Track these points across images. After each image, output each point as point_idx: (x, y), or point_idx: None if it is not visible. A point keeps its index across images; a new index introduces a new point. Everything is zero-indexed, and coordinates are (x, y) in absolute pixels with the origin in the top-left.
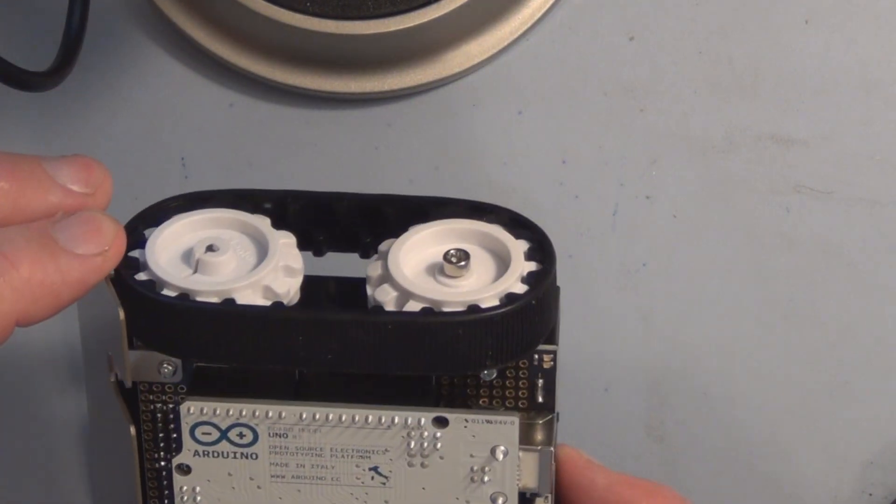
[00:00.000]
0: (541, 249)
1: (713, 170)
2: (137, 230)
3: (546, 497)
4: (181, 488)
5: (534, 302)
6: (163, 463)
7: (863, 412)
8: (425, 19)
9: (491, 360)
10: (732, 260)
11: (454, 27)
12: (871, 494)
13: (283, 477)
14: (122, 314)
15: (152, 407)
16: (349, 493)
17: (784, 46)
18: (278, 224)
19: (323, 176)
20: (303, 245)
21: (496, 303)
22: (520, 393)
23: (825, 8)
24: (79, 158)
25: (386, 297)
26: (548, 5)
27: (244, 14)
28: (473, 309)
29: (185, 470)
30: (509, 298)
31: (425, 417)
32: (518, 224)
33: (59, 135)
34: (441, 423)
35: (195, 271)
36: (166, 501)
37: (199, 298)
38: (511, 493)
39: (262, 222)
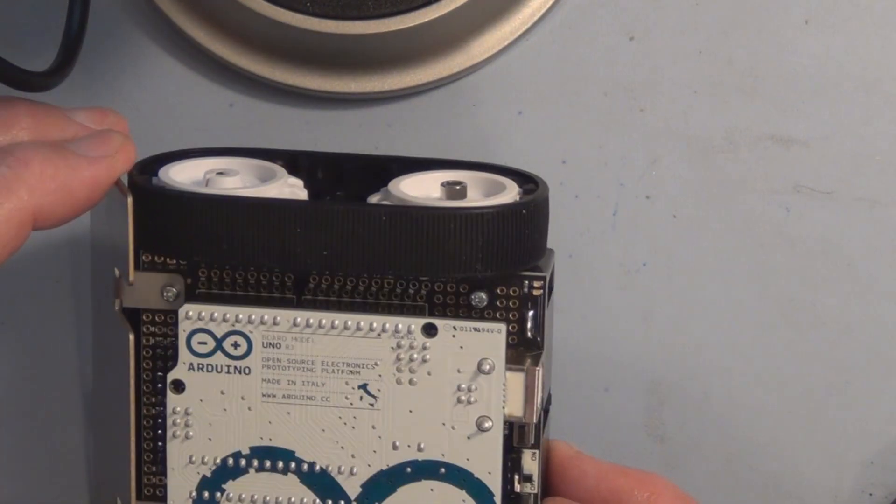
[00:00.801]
0: (535, 185)
1: (713, 170)
2: (152, 166)
3: (533, 451)
4: (174, 409)
5: (524, 211)
6: (159, 384)
7: (863, 412)
8: (425, 19)
9: (482, 263)
10: (732, 260)
11: (454, 27)
12: (871, 494)
13: (274, 396)
14: (130, 202)
15: (152, 329)
16: (337, 417)
17: (784, 46)
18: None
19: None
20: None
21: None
22: (510, 327)
23: (825, 8)
24: (94, 108)
25: None
26: (548, 5)
27: (244, 14)
28: (465, 208)
29: (179, 388)
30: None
31: (415, 324)
32: (516, 174)
33: None
34: (430, 331)
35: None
36: (159, 420)
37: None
38: (497, 417)
39: (275, 165)
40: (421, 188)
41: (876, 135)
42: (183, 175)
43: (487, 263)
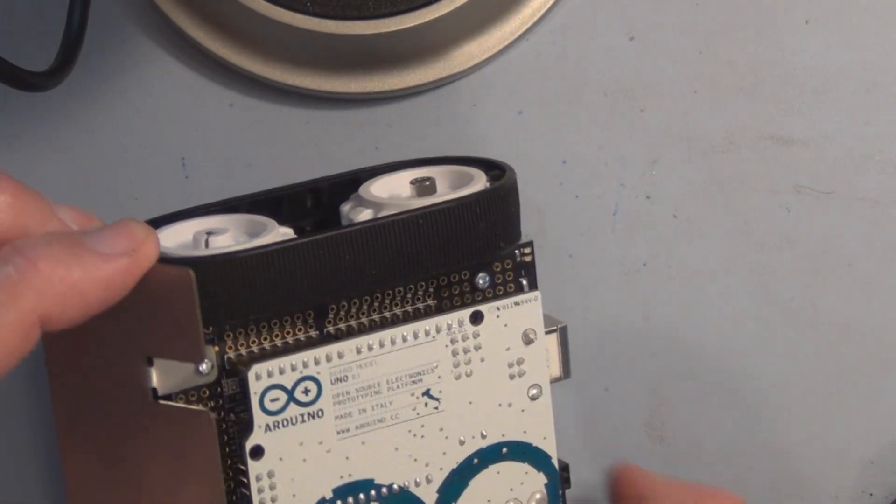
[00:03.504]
0: (499, 170)
1: (713, 170)
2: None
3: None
4: (257, 476)
5: (513, 183)
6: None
7: (863, 412)
8: (425, 19)
9: (502, 239)
10: (732, 260)
11: (454, 27)
12: (871, 494)
13: (348, 430)
14: (193, 275)
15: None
16: (407, 431)
17: (784, 46)
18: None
19: (323, 176)
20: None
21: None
22: (507, 296)
23: (825, 8)
24: (76, 208)
25: (360, 216)
26: (548, 5)
27: (244, 14)
28: (488, 191)
29: (259, 453)
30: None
31: (462, 316)
32: (479, 163)
33: (59, 135)
34: (477, 318)
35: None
36: (245, 491)
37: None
38: (544, 382)
39: (259, 217)
40: (391, 189)
41: (876, 135)
42: (171, 242)
43: (506, 238)
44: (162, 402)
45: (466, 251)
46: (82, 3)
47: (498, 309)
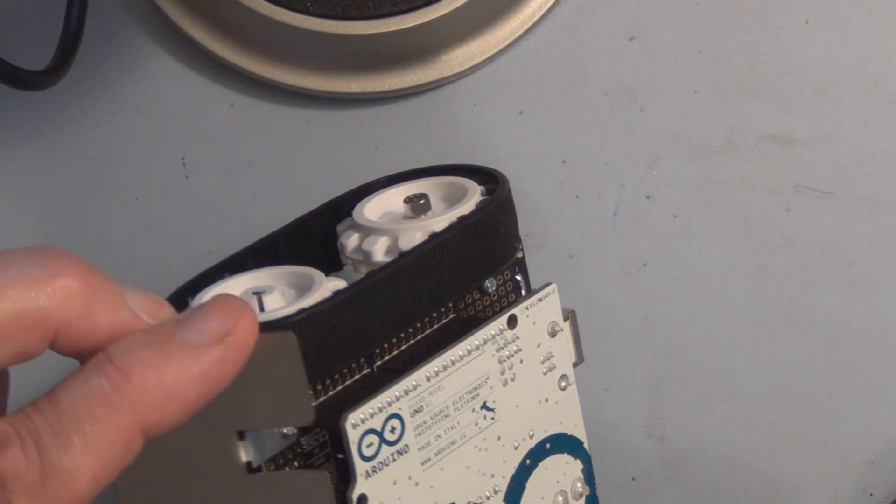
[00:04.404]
0: (489, 176)
1: (713, 170)
2: (182, 297)
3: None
4: None
5: (507, 185)
6: None
7: (863, 412)
8: (425, 19)
9: (516, 239)
10: (732, 260)
11: (454, 27)
12: (871, 494)
13: (430, 460)
14: (294, 338)
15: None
16: (474, 447)
17: (784, 46)
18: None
19: (323, 176)
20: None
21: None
22: (509, 295)
23: (825, 8)
24: (149, 295)
25: (376, 245)
26: (548, 5)
27: (244, 14)
28: (504, 195)
29: (363, 502)
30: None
31: (500, 323)
32: (468, 171)
33: (58, 134)
34: (512, 321)
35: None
36: None
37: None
38: (569, 371)
39: (309, 269)
40: (384, 208)
41: (876, 135)
42: None
43: (518, 239)
44: (264, 473)
45: (496, 258)
46: (80, 2)
47: (527, 308)
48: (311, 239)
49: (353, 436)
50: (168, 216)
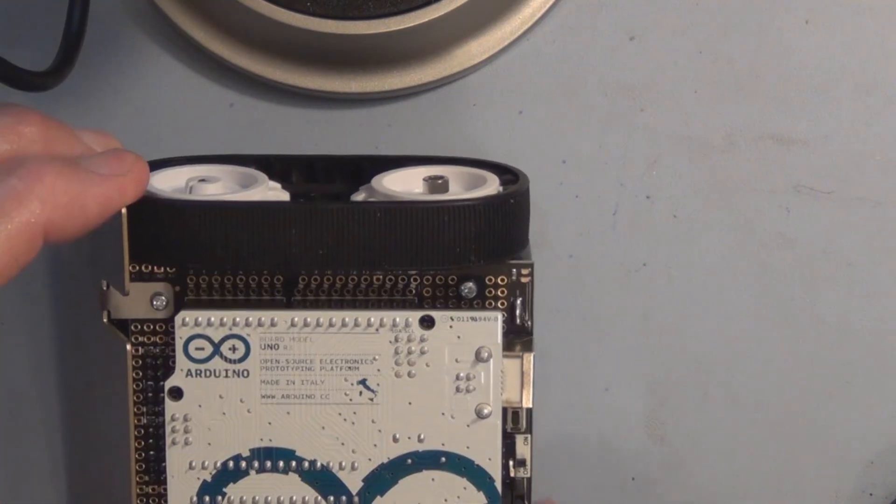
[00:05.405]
0: (514, 176)
1: (713, 170)
2: None
3: (525, 435)
4: (172, 416)
5: (512, 201)
6: (150, 394)
7: (863, 412)
8: (425, 19)
9: (475, 254)
10: (732, 260)
11: (454, 27)
12: (871, 494)
13: (273, 397)
14: (124, 212)
15: (142, 339)
16: (337, 413)
17: (784, 46)
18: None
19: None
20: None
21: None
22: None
23: (825, 8)
24: (98, 130)
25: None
26: (548, 5)
27: (244, 14)
28: (457, 200)
29: (177, 395)
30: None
31: (412, 317)
32: (491, 167)
33: None
34: (427, 323)
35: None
36: (151, 430)
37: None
38: (495, 404)
39: (254, 171)
40: (404, 184)
41: (876, 135)
42: (164, 184)
43: (480, 254)
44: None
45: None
46: (82, 3)
47: (451, 319)
48: (311, 177)
49: (181, 332)
50: None
